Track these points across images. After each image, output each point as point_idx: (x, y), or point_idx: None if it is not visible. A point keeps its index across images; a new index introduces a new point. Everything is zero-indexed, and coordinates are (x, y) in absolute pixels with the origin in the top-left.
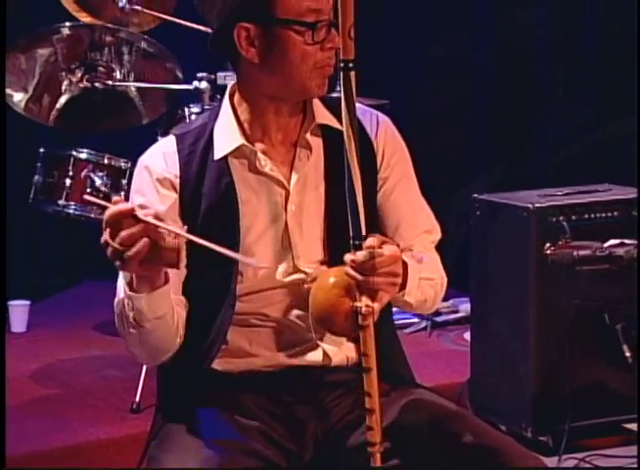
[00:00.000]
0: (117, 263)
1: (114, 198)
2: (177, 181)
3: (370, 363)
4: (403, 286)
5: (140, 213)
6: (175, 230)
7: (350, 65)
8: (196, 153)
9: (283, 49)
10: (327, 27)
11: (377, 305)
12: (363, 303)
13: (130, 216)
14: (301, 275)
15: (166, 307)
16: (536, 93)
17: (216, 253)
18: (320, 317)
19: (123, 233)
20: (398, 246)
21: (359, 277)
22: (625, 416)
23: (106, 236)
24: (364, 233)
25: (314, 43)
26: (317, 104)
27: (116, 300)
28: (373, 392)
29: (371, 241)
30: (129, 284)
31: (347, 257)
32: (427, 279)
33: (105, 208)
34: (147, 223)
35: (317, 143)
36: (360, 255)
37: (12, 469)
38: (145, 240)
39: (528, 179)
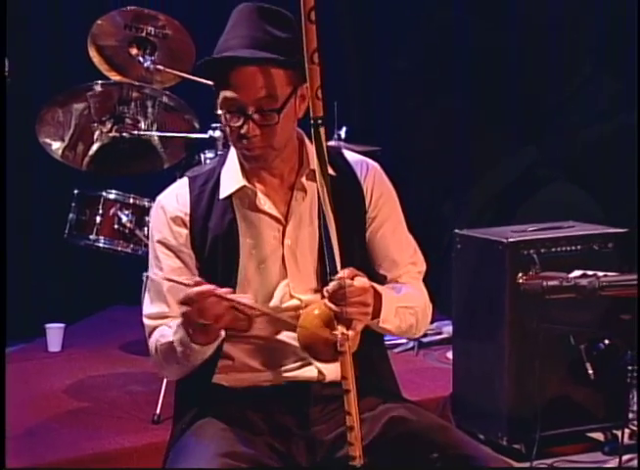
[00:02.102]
0: (198, 333)
1: (195, 279)
2: (187, 218)
3: (348, 385)
4: (378, 314)
5: (220, 292)
6: (248, 304)
7: (319, 121)
8: (205, 193)
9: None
10: (243, 118)
11: (351, 333)
12: (339, 331)
13: (211, 295)
14: (296, 302)
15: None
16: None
17: (220, 282)
18: (305, 346)
19: (211, 312)
20: (385, 279)
21: (334, 307)
22: (589, 426)
23: (193, 314)
24: (339, 269)
25: (230, 127)
26: (312, 152)
27: (162, 340)
28: (352, 411)
29: (341, 273)
30: (189, 335)
31: (324, 289)
32: (405, 308)
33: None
34: (227, 300)
35: (311, 186)
36: (331, 285)
37: (12, 469)
38: (229, 317)
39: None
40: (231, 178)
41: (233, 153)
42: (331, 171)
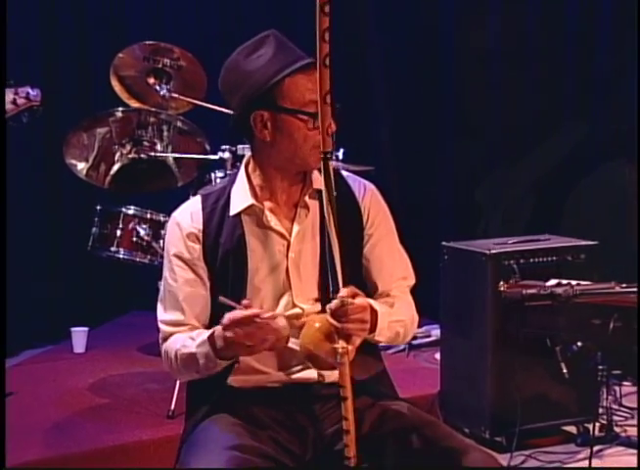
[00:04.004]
0: (241, 352)
1: (244, 302)
2: (201, 235)
3: (346, 393)
4: (374, 329)
5: (264, 316)
6: (282, 325)
7: (329, 155)
8: (216, 210)
9: (289, 132)
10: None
11: (351, 347)
12: (340, 345)
13: (257, 319)
14: (298, 310)
15: None
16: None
17: (230, 292)
18: (306, 356)
19: (258, 335)
20: (377, 290)
21: (336, 324)
22: (563, 420)
23: (241, 337)
24: (341, 287)
25: (314, 128)
26: (315, 173)
27: (183, 350)
28: (349, 416)
29: (343, 292)
30: (215, 350)
31: (327, 306)
32: (396, 321)
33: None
34: (270, 323)
35: (314, 204)
36: (334, 303)
37: (11, 469)
38: (272, 337)
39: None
40: (240, 197)
41: (242, 173)
42: None
